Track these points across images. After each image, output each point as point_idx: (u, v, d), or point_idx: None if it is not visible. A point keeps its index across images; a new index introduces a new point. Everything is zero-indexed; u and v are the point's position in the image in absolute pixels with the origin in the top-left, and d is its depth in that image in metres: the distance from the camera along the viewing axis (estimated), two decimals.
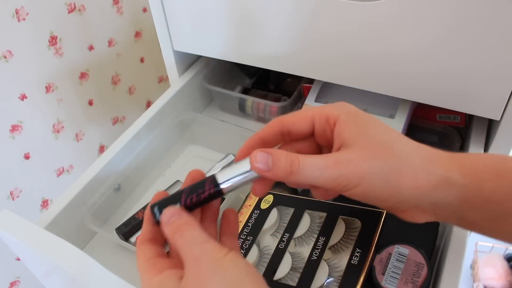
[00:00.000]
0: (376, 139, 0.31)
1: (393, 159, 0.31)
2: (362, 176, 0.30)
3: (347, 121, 0.32)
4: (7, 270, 0.93)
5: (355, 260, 0.47)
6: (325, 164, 0.31)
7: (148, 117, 0.67)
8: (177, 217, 0.31)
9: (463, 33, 0.48)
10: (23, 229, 0.47)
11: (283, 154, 0.31)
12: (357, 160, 0.31)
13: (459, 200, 0.31)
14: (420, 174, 0.31)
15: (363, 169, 0.30)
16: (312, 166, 0.31)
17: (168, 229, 0.31)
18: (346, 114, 0.33)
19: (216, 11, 0.61)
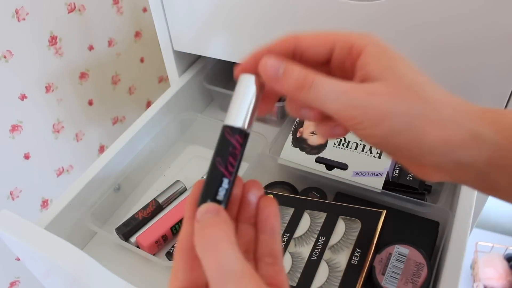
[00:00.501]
0: (405, 77, 0.27)
1: (422, 103, 0.26)
2: (383, 115, 0.26)
3: (375, 53, 0.28)
4: (7, 270, 0.93)
5: (355, 260, 0.47)
6: (345, 88, 0.27)
7: (148, 117, 0.67)
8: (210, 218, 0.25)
9: (463, 33, 0.48)
10: (23, 229, 0.47)
11: (297, 66, 0.27)
12: (381, 95, 0.26)
13: (488, 160, 0.27)
14: (449, 125, 0.26)
15: (386, 107, 0.26)
16: (328, 87, 0.27)
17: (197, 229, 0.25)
18: (374, 45, 0.28)
19: (216, 11, 0.61)
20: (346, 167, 0.58)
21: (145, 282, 0.55)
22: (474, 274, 1.12)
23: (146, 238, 0.57)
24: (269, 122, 0.75)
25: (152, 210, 0.61)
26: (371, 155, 0.58)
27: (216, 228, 0.24)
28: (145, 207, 0.61)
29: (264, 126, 0.75)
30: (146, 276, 0.56)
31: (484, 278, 1.09)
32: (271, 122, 0.75)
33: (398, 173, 0.58)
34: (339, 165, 0.59)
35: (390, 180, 0.58)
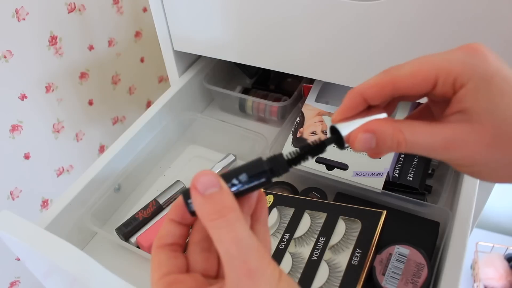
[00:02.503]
0: (505, 120, 0.25)
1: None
2: (475, 162, 0.27)
3: (477, 90, 0.26)
4: (7, 270, 0.93)
5: (355, 260, 0.47)
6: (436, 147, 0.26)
7: (148, 117, 0.67)
8: (216, 190, 0.25)
9: (463, 33, 0.48)
10: (23, 229, 0.47)
11: (388, 133, 0.27)
12: (475, 146, 0.26)
13: None
14: None
15: (479, 157, 0.26)
16: (421, 148, 0.27)
17: (207, 205, 0.24)
18: (478, 80, 0.26)
19: (216, 11, 0.61)
20: (346, 167, 0.58)
21: (145, 282, 0.55)
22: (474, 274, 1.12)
23: (146, 238, 0.57)
24: (269, 122, 0.75)
25: (152, 210, 0.61)
26: None
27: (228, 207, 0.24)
28: (145, 207, 0.61)
29: (264, 126, 0.75)
30: (146, 276, 0.56)
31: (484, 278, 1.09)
32: (271, 122, 0.75)
33: (398, 173, 0.58)
34: (339, 165, 0.59)
35: (390, 180, 0.57)
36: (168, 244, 0.27)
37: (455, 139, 0.26)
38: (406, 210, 0.55)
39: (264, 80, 0.81)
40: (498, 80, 0.26)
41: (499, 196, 1.17)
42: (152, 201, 0.62)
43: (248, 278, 0.23)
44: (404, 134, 0.27)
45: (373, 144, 0.27)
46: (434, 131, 0.27)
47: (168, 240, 0.27)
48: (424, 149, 0.27)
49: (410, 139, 0.27)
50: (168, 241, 0.27)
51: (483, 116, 0.26)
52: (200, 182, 0.25)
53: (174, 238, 0.28)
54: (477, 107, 0.26)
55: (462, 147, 0.26)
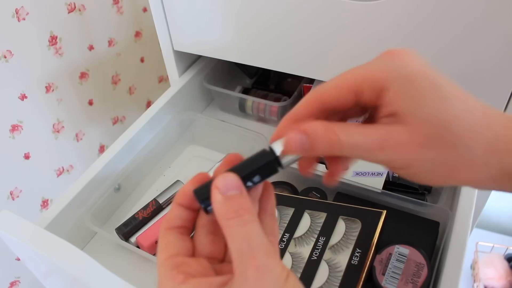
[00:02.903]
0: (433, 118, 0.26)
1: (450, 150, 0.26)
2: (410, 163, 0.26)
3: (400, 92, 0.26)
4: (7, 270, 0.93)
5: (355, 260, 0.47)
6: (370, 147, 0.26)
7: (148, 117, 0.67)
8: (237, 193, 0.26)
9: (463, 33, 0.47)
10: (23, 229, 0.47)
11: (320, 133, 0.27)
12: (408, 146, 0.26)
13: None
14: (477, 169, 0.26)
15: (413, 158, 0.26)
16: (354, 148, 0.27)
17: (225, 205, 0.26)
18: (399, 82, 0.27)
19: (216, 11, 0.61)
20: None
21: (145, 282, 0.55)
22: (474, 274, 1.12)
23: (146, 238, 0.57)
24: (269, 122, 0.75)
25: (152, 210, 0.61)
26: None
27: (244, 208, 0.25)
28: (145, 207, 0.61)
29: (264, 126, 0.75)
30: (146, 276, 0.56)
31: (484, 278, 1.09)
32: (271, 122, 0.75)
33: None
34: None
35: (390, 180, 0.57)
36: (177, 227, 0.28)
37: (389, 139, 0.26)
38: (406, 210, 0.55)
39: (264, 80, 0.81)
40: (420, 79, 0.27)
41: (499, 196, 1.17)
42: (152, 201, 0.62)
43: (256, 274, 0.24)
44: (337, 134, 0.27)
45: (307, 145, 0.27)
46: (368, 131, 0.27)
47: (176, 222, 0.28)
48: (358, 150, 0.27)
49: (343, 139, 0.27)
50: (176, 224, 0.28)
51: (411, 117, 0.26)
52: (223, 183, 0.26)
53: (182, 221, 0.28)
54: (404, 109, 0.26)
55: (396, 147, 0.26)
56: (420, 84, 0.26)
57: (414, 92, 0.26)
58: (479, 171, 0.26)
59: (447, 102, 0.26)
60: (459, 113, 0.26)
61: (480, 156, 0.26)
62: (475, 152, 0.26)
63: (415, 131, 0.26)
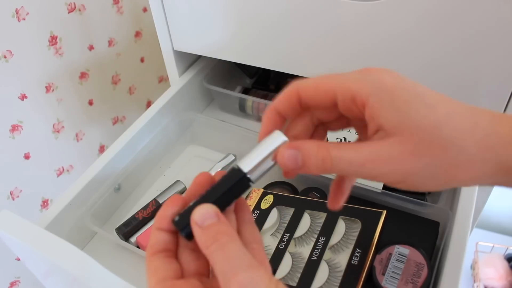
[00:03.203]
0: (420, 125, 0.26)
1: (443, 153, 0.26)
2: (406, 174, 0.26)
3: (381, 105, 0.27)
4: (7, 270, 0.93)
5: (355, 260, 0.47)
6: (362, 161, 0.27)
7: (148, 117, 0.67)
8: (214, 221, 0.27)
9: (463, 33, 0.48)
10: (23, 229, 0.47)
11: (313, 150, 0.27)
12: (400, 157, 0.26)
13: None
14: (475, 166, 0.26)
15: (408, 167, 0.26)
16: (347, 163, 0.27)
17: (203, 235, 0.26)
18: (378, 94, 0.27)
19: (216, 11, 0.61)
20: None
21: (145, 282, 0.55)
22: (474, 274, 1.12)
23: (146, 238, 0.57)
24: None
25: (152, 210, 0.61)
26: None
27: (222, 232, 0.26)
28: (145, 207, 0.61)
29: None
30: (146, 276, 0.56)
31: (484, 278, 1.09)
32: None
33: None
34: None
35: None
36: (161, 251, 0.28)
37: (380, 152, 0.26)
38: (406, 210, 0.55)
39: (264, 80, 0.81)
40: (400, 91, 0.27)
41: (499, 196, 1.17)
42: (152, 201, 0.62)
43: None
44: (329, 151, 0.27)
45: (300, 161, 0.28)
46: (359, 146, 0.27)
47: (159, 247, 0.28)
48: (350, 165, 0.27)
49: (335, 154, 0.27)
50: (160, 248, 0.28)
51: (398, 128, 0.26)
52: (199, 216, 0.27)
53: (164, 244, 0.29)
54: (389, 121, 0.26)
55: (388, 159, 0.26)
56: (401, 95, 0.27)
57: (396, 104, 0.26)
58: (477, 168, 0.26)
59: (430, 108, 0.26)
60: (445, 117, 0.26)
61: (475, 154, 0.26)
62: (468, 150, 0.26)
63: (404, 141, 0.26)
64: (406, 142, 0.26)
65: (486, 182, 0.27)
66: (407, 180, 0.27)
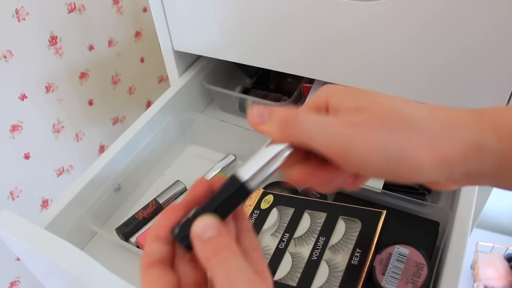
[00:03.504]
0: (382, 103, 0.26)
1: (408, 128, 0.25)
2: (373, 147, 0.25)
3: (341, 98, 0.28)
4: (7, 270, 0.93)
5: (355, 260, 0.47)
6: (331, 122, 0.26)
7: (148, 117, 0.67)
8: (214, 233, 0.26)
9: (463, 33, 0.48)
10: (23, 229, 0.47)
11: (281, 108, 0.28)
12: (368, 123, 0.25)
13: (496, 167, 0.26)
14: (442, 143, 0.25)
15: (375, 137, 0.25)
16: (314, 120, 0.26)
17: (204, 248, 0.26)
18: (335, 93, 0.28)
19: (216, 11, 0.61)
20: None
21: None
22: (474, 274, 1.12)
23: (146, 238, 0.57)
24: None
25: (152, 210, 0.61)
26: None
27: (222, 246, 0.26)
28: (145, 207, 0.61)
29: None
30: None
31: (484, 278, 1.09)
32: None
33: None
34: None
35: None
36: (157, 261, 0.27)
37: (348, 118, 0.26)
38: (406, 210, 0.55)
39: (264, 80, 0.81)
40: (353, 89, 0.28)
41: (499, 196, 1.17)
42: (152, 201, 0.62)
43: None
44: (297, 110, 0.27)
45: (266, 115, 0.28)
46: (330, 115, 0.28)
47: (155, 257, 0.27)
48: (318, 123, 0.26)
49: (302, 113, 0.27)
50: (156, 258, 0.27)
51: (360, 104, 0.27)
52: (200, 228, 0.26)
53: (161, 254, 0.28)
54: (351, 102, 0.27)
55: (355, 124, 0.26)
56: (356, 90, 0.28)
57: (353, 94, 0.28)
58: (445, 145, 0.25)
59: (387, 95, 0.27)
60: (404, 100, 0.27)
61: (439, 133, 0.25)
62: (433, 128, 0.26)
63: (370, 114, 0.26)
64: (372, 115, 0.26)
65: (460, 166, 0.26)
66: (372, 155, 0.25)
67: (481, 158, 0.26)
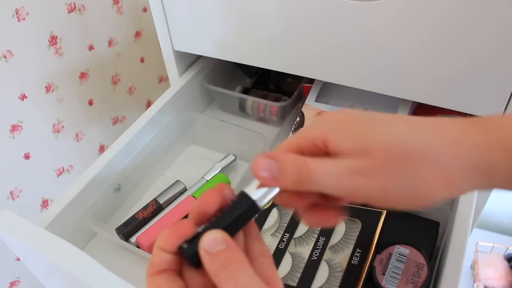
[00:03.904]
0: (383, 142, 0.26)
1: (415, 162, 0.25)
2: (385, 190, 0.26)
3: (339, 137, 0.27)
4: (7, 270, 0.93)
5: (355, 260, 0.47)
6: (339, 173, 0.26)
7: (148, 117, 0.67)
8: (223, 247, 0.26)
9: (463, 33, 0.47)
10: (23, 229, 0.47)
11: (290, 160, 0.27)
12: (374, 170, 0.26)
13: (506, 180, 0.26)
14: (452, 174, 0.26)
15: (384, 182, 0.26)
16: (324, 175, 0.26)
17: (212, 263, 0.26)
18: (333, 129, 0.28)
19: (216, 11, 0.61)
20: None
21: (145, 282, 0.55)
22: (474, 274, 1.12)
23: (146, 238, 0.57)
24: (269, 122, 0.75)
25: (152, 210, 0.61)
26: None
27: (231, 259, 0.26)
28: (145, 207, 0.61)
29: (264, 126, 0.75)
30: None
31: (484, 278, 1.09)
32: (271, 122, 0.75)
33: None
34: None
35: None
36: (163, 270, 0.27)
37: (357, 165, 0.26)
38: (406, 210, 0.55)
39: (264, 80, 0.81)
40: (352, 120, 0.28)
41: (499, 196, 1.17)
42: (152, 201, 0.62)
43: None
44: (306, 162, 0.27)
45: (275, 171, 0.27)
46: (336, 160, 0.27)
47: (162, 267, 0.27)
48: (328, 178, 0.26)
49: (312, 166, 0.26)
50: (162, 268, 0.27)
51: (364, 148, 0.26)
52: (208, 243, 0.26)
53: (168, 264, 0.27)
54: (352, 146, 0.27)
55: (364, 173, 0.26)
56: (355, 123, 0.27)
57: (353, 131, 0.27)
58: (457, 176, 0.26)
59: (387, 124, 0.27)
60: (408, 131, 0.26)
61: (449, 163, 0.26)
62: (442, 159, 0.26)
63: (374, 158, 0.26)
64: (376, 158, 0.26)
65: (471, 189, 0.27)
66: (386, 198, 0.26)
67: (491, 176, 0.26)
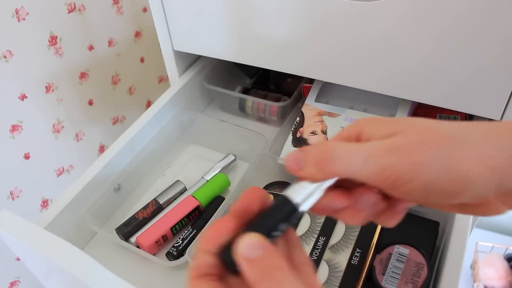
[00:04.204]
0: (417, 125, 0.26)
1: (449, 141, 0.25)
2: (418, 166, 0.24)
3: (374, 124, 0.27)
4: (7, 270, 0.93)
5: (355, 260, 0.47)
6: (370, 151, 0.25)
7: (148, 117, 0.67)
8: (262, 253, 0.24)
9: (463, 33, 0.47)
10: (23, 229, 0.47)
11: (314, 145, 0.27)
12: (408, 146, 0.24)
13: None
14: (489, 151, 0.24)
15: (418, 157, 0.24)
16: (351, 153, 0.25)
17: (252, 269, 0.24)
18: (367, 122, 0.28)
19: (216, 11, 0.61)
20: None
21: (145, 282, 0.55)
22: (474, 274, 1.12)
23: (146, 238, 0.57)
24: (269, 122, 0.75)
25: (152, 210, 0.61)
26: None
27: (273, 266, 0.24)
28: (145, 207, 0.61)
29: (264, 126, 0.75)
30: (146, 276, 0.56)
31: (484, 278, 1.09)
32: (271, 122, 0.75)
33: None
34: None
35: None
36: (206, 274, 0.26)
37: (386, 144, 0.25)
38: None
39: (264, 80, 0.81)
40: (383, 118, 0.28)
41: None
42: (152, 201, 0.62)
43: None
44: (331, 143, 0.27)
45: (301, 160, 0.27)
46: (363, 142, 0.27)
47: (205, 270, 0.26)
48: (357, 155, 0.25)
49: (338, 145, 0.26)
50: (205, 272, 0.26)
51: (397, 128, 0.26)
52: (245, 247, 0.24)
53: (211, 268, 0.26)
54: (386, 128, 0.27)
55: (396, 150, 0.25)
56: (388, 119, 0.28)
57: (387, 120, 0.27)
58: (493, 154, 0.24)
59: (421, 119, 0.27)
60: (437, 121, 0.26)
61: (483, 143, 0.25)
62: (475, 140, 0.25)
63: (408, 135, 0.25)
64: (410, 135, 0.25)
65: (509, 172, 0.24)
66: (420, 175, 0.24)
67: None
